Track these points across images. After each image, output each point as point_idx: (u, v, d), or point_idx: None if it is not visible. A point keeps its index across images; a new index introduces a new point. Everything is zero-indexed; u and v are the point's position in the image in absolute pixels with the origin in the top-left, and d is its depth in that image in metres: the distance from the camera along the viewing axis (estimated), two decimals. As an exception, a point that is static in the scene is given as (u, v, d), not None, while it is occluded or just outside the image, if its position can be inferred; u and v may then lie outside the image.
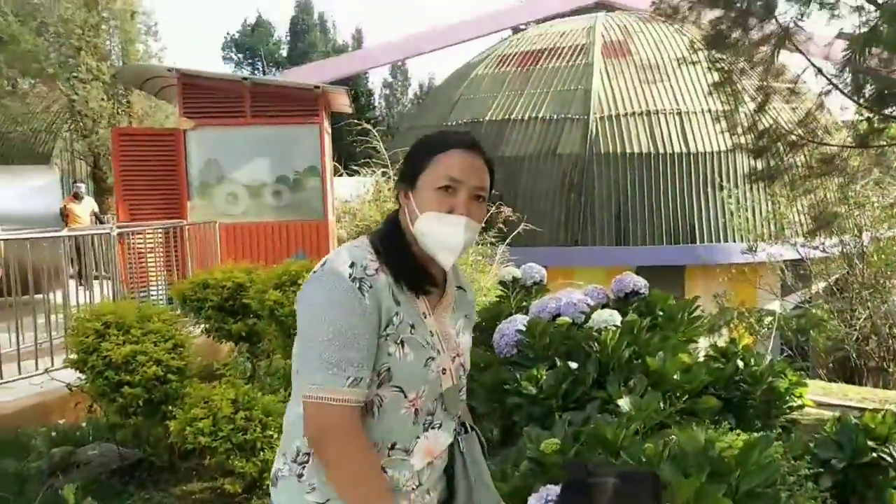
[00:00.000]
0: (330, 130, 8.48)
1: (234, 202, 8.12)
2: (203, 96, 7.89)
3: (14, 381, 4.98)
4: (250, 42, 46.24)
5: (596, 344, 3.67)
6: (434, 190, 1.47)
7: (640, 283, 4.32)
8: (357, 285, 1.40)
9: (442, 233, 1.46)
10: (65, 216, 10.04)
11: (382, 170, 12.89)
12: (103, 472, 4.06)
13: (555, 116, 16.48)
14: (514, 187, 15.60)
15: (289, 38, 47.24)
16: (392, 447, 1.48)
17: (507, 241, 12.08)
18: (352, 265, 1.42)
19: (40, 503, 3.42)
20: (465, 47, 25.17)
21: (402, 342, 1.46)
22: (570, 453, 2.72)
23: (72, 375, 4.19)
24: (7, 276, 5.43)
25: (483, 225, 1.58)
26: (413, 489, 1.52)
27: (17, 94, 14.74)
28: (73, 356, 3.94)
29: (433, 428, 1.52)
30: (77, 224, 9.53)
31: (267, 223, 8.12)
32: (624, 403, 3.21)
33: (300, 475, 1.47)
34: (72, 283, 6.34)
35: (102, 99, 11.85)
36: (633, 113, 15.72)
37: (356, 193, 13.32)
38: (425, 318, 1.52)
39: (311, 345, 1.40)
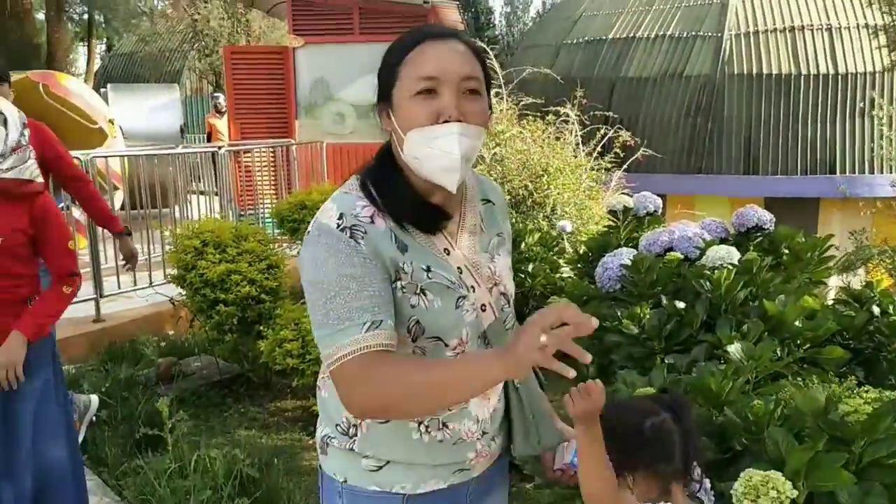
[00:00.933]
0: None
1: (340, 122, 8.05)
2: (312, 13, 7.77)
3: (130, 290, 5.23)
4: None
5: (708, 283, 3.31)
6: (411, 98, 1.20)
7: (765, 217, 3.87)
8: (348, 234, 1.19)
9: (434, 150, 1.19)
10: (207, 132, 10.32)
11: (496, 90, 12.49)
12: (204, 384, 4.20)
13: (684, 34, 15.32)
14: (635, 111, 14.77)
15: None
16: None
17: (624, 167, 11.51)
18: (340, 216, 1.21)
19: (141, 411, 3.54)
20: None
21: (422, 291, 1.24)
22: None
23: (175, 290, 4.32)
24: (135, 190, 5.68)
25: (592, 148, 1.28)
26: (478, 438, 1.34)
27: (146, 15, 15.29)
28: (173, 272, 4.03)
29: None
30: (219, 139, 9.62)
31: (373, 144, 7.96)
32: (734, 350, 2.87)
33: (351, 449, 1.31)
34: (198, 200, 6.58)
35: (222, 18, 12.07)
36: (775, 29, 14.31)
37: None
38: (448, 254, 1.29)
39: (317, 311, 1.19)
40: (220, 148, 6.58)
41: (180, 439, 2.97)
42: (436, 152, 1.19)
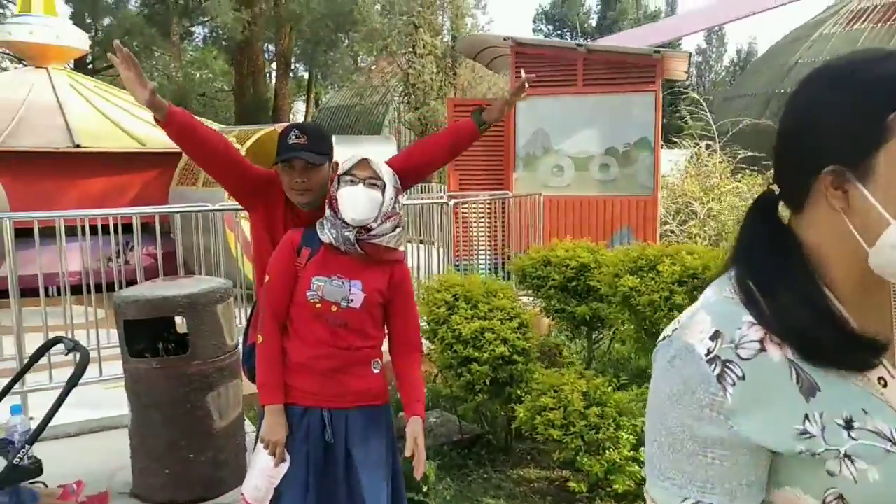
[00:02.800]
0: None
1: (559, 174, 7.92)
2: (534, 65, 7.76)
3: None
4: (560, 13, 46.44)
5: None
6: None
7: None
8: (716, 372, 0.80)
9: None
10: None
11: (707, 142, 11.85)
12: (445, 442, 4.09)
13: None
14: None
15: (599, 6, 46.51)
16: None
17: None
18: (714, 335, 0.82)
19: (393, 468, 3.46)
20: (795, 7, 22.23)
21: (846, 456, 0.79)
22: None
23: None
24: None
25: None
26: None
27: (361, 70, 16.36)
28: (424, 325, 3.98)
29: None
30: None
31: (591, 197, 7.79)
32: None
33: None
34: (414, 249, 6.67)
35: (433, 72, 12.58)
36: None
37: (672, 166, 12.45)
38: (884, 387, 0.82)
39: (648, 442, 0.89)
40: (449, 198, 6.65)
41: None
42: None
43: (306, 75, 20.15)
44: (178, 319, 3.43)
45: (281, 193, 2.49)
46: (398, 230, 2.32)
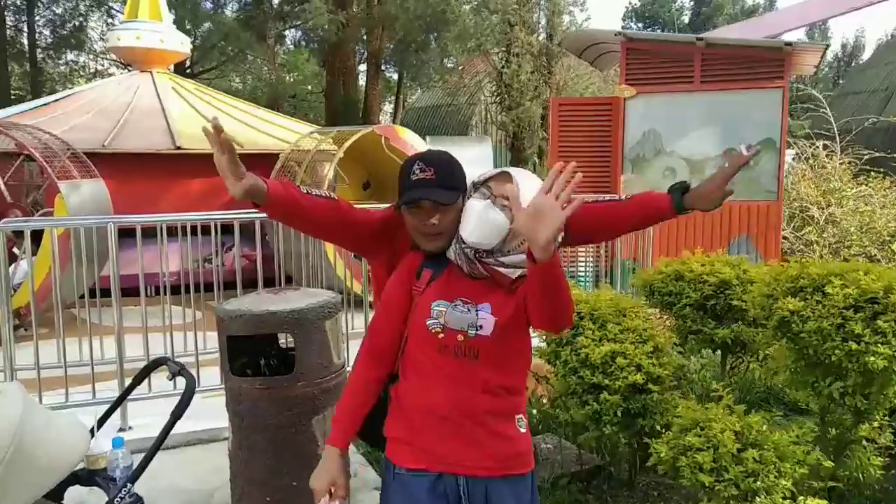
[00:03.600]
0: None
1: (671, 177, 7.36)
2: (647, 61, 7.27)
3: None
4: (651, 11, 45.01)
5: None
6: None
7: None
8: None
9: None
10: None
11: (824, 142, 10.95)
12: (563, 472, 3.70)
13: None
14: None
15: (692, 2, 44.88)
16: None
17: None
18: None
19: None
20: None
21: None
22: None
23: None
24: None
25: None
26: None
27: (451, 70, 16.13)
28: (543, 345, 3.61)
29: None
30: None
31: (707, 203, 7.18)
32: None
33: None
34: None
35: (529, 72, 12.18)
36: None
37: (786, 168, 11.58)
38: None
39: None
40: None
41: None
42: None
43: (395, 76, 20.10)
44: (282, 335, 3.18)
45: (406, 236, 2.07)
46: (521, 257, 1.84)
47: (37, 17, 22.56)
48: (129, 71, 9.99)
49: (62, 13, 22.31)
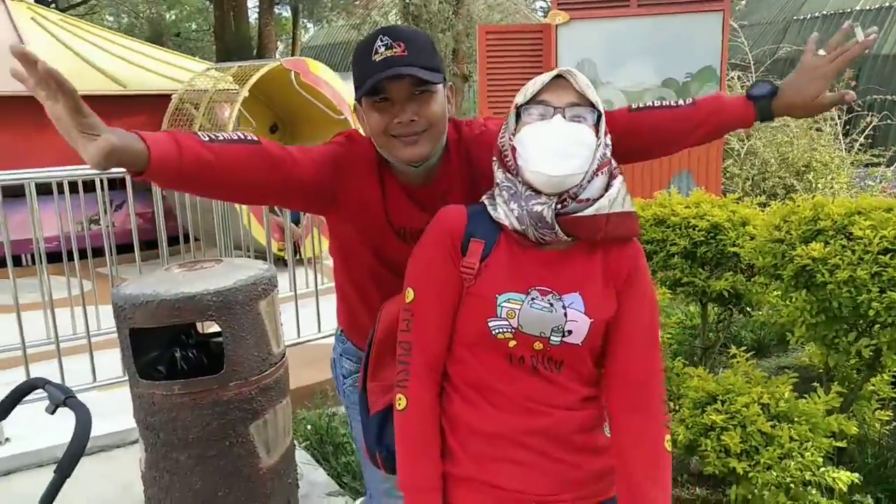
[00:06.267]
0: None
1: (608, 110, 6.91)
2: (579, -16, 6.69)
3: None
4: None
5: None
6: None
7: None
8: None
9: None
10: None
11: (737, 73, 10.84)
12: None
13: (959, 1, 12.89)
14: (891, 93, 12.57)
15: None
16: None
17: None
18: None
19: None
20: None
21: None
22: None
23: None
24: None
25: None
26: None
27: (357, 2, 15.01)
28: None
29: None
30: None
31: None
32: None
33: None
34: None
35: (440, 2, 11.37)
36: None
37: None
38: None
39: None
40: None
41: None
42: None
43: (288, 12, 18.65)
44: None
45: (366, 165, 1.51)
46: (619, 186, 1.34)
47: None
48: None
49: None
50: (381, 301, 1.60)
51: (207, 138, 1.30)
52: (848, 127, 10.18)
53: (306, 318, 4.18)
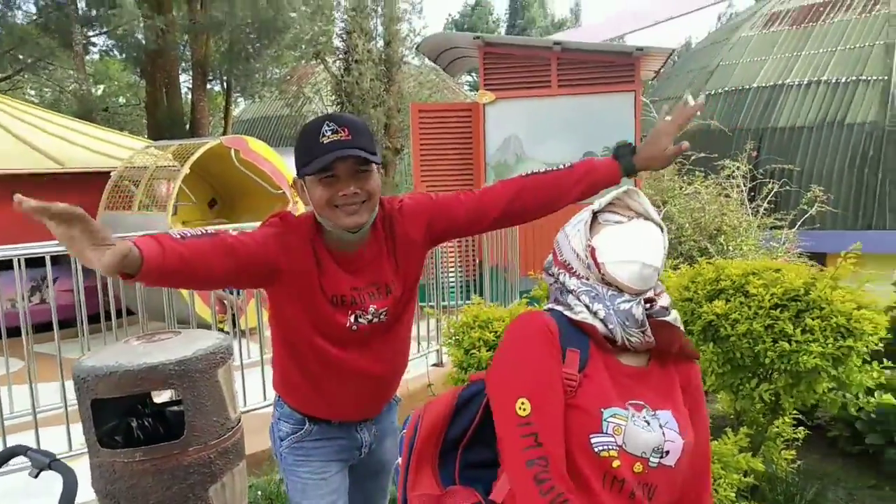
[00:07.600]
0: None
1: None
2: (505, 66, 7.21)
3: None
4: (470, 22, 46.46)
5: None
6: None
7: None
8: None
9: None
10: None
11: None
12: None
13: (843, 79, 14.22)
14: (788, 162, 13.70)
15: (507, 15, 46.89)
16: None
17: (799, 224, 10.44)
18: None
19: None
20: (700, 15, 22.77)
21: None
22: None
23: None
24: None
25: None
26: None
27: (281, 80, 15.40)
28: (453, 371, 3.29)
29: None
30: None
31: (569, 206, 7.26)
32: None
33: None
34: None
35: (372, 79, 11.85)
36: (952, 71, 13.06)
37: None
38: None
39: None
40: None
41: None
42: None
43: (221, 87, 18.93)
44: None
45: (300, 239, 1.71)
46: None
47: None
48: None
49: None
50: (317, 366, 1.82)
51: (178, 235, 1.51)
52: (753, 193, 11.01)
53: (252, 387, 4.29)
